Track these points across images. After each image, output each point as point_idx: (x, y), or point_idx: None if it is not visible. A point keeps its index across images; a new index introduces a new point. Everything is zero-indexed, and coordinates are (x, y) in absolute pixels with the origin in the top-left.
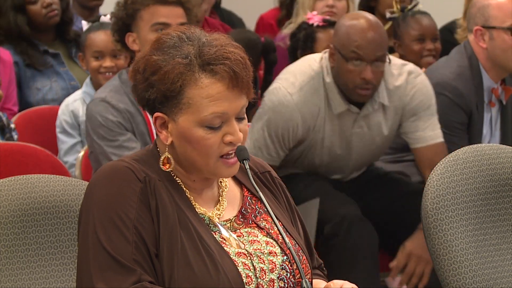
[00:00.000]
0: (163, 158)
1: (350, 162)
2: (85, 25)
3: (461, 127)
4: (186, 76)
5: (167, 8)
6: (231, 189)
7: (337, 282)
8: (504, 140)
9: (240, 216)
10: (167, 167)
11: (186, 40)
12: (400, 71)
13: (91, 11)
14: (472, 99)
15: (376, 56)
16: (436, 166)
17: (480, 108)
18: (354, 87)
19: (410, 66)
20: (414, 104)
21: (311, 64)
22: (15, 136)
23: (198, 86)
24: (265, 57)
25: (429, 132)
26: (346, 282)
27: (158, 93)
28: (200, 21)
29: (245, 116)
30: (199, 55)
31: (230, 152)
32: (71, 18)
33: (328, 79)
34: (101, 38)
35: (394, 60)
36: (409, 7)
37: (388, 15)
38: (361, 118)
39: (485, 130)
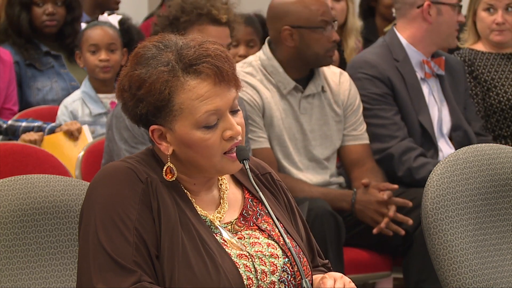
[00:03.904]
0: (165, 168)
1: (314, 153)
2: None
3: (382, 98)
4: (172, 82)
5: (218, 29)
6: (231, 192)
7: (331, 275)
8: (453, 112)
9: (241, 219)
10: (170, 177)
11: (163, 48)
12: (331, 67)
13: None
14: (388, 69)
15: (334, 17)
16: (436, 166)
17: (411, 80)
18: (326, 52)
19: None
20: (351, 94)
21: (245, 61)
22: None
23: (186, 89)
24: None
25: (364, 132)
26: (340, 275)
27: (148, 106)
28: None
29: (239, 108)
30: (179, 59)
31: (232, 147)
32: (74, 32)
33: (272, 62)
34: (97, 33)
35: None
36: None
37: (394, 13)
38: (305, 99)
39: (430, 104)
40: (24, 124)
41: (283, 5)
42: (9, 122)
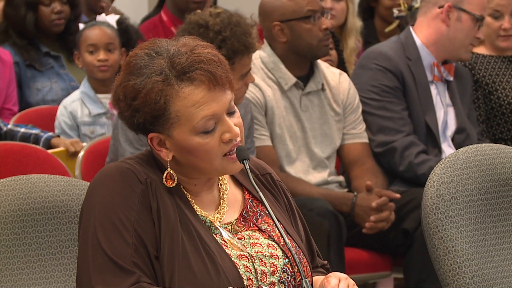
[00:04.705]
0: (165, 174)
1: (315, 152)
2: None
3: (392, 91)
4: (167, 91)
5: (250, 57)
6: (231, 192)
7: (336, 274)
8: (458, 116)
9: (241, 219)
10: (170, 183)
11: (155, 55)
12: (331, 68)
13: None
14: (401, 64)
15: (322, 6)
16: (436, 166)
17: (421, 80)
18: (319, 41)
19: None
20: (350, 94)
21: None
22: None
23: (181, 97)
24: None
25: (363, 131)
26: (345, 276)
27: (145, 115)
28: None
29: (236, 109)
30: (172, 66)
31: (232, 149)
32: (76, 30)
33: (273, 58)
34: (95, 32)
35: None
36: (417, 5)
37: (395, 13)
38: (305, 96)
39: (437, 107)
40: (22, 130)
41: (269, 2)
42: (9, 126)
